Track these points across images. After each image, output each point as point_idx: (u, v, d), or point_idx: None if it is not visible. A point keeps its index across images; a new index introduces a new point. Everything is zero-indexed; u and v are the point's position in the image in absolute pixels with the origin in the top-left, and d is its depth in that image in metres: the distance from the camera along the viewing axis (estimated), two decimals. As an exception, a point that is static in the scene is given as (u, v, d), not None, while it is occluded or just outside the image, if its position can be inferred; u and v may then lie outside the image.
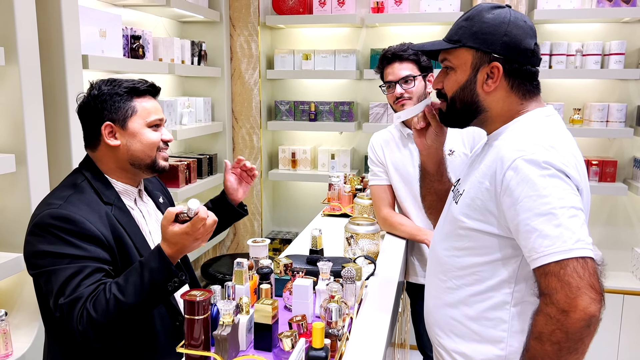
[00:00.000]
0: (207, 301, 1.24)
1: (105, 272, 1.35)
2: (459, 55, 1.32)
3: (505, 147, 1.25)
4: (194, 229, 1.31)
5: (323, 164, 3.87)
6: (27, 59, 1.85)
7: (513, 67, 1.29)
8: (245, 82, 3.78)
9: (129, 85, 1.47)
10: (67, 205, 1.37)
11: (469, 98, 1.33)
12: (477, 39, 1.29)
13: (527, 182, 1.16)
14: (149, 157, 1.50)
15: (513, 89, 1.31)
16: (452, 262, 1.35)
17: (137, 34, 2.69)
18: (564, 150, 1.21)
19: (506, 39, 1.28)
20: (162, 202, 1.68)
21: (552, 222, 1.11)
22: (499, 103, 1.32)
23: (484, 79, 1.30)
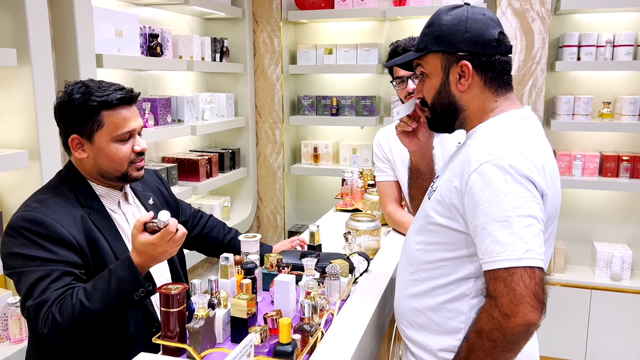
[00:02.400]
0: (182, 295, 1.28)
1: (75, 276, 1.36)
2: (429, 61, 1.35)
3: (474, 149, 1.27)
4: (162, 241, 1.32)
5: (345, 159, 3.88)
6: (39, 59, 1.95)
7: (482, 60, 1.30)
8: (268, 77, 3.82)
9: (98, 99, 1.42)
10: (41, 208, 1.39)
11: (446, 100, 1.35)
12: (441, 42, 1.31)
13: (489, 186, 1.18)
14: (117, 170, 1.49)
15: (487, 83, 1.32)
16: (420, 256, 1.38)
17: (155, 32, 2.77)
18: (533, 155, 1.22)
19: (467, 35, 1.29)
20: (151, 203, 1.68)
21: (507, 230, 1.15)
22: (475, 100, 1.33)
23: (456, 79, 1.32)
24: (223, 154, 3.53)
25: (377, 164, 2.42)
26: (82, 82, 1.47)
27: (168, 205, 1.78)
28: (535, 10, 3.25)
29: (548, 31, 3.26)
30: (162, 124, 2.90)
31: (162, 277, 1.62)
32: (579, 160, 3.37)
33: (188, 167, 3.21)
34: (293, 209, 4.12)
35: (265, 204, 3.99)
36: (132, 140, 1.51)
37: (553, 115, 3.43)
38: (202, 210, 1.98)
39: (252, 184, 3.89)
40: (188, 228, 1.87)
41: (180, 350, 1.27)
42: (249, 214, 3.86)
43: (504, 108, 1.34)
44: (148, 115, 2.78)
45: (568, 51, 3.31)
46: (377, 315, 1.59)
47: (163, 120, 2.91)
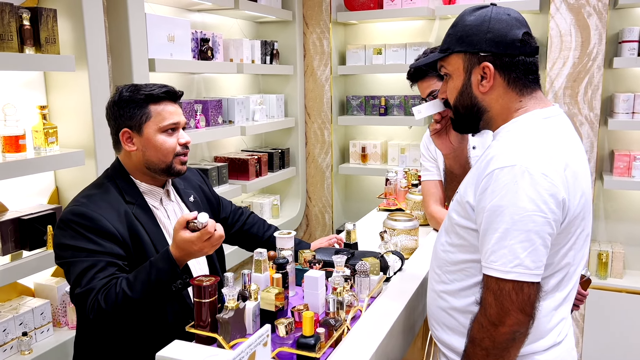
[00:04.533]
0: (214, 286, 1.35)
1: (118, 267, 1.47)
2: (452, 62, 1.36)
3: (493, 151, 1.27)
4: (200, 240, 1.39)
5: (393, 158, 3.88)
6: (95, 65, 2.09)
7: (504, 61, 1.29)
8: (317, 78, 3.88)
9: (145, 92, 1.56)
10: (89, 204, 1.51)
11: (468, 101, 1.35)
12: (463, 42, 1.32)
13: (496, 194, 1.19)
14: (163, 162, 1.59)
15: (510, 84, 1.31)
16: (446, 257, 1.39)
17: (206, 36, 2.89)
18: (552, 158, 1.20)
19: (490, 35, 1.29)
20: (192, 201, 1.76)
21: (503, 241, 1.17)
22: (498, 101, 1.33)
23: (478, 80, 1.32)
24: (272, 153, 3.62)
25: (423, 163, 2.42)
26: (132, 83, 1.60)
27: (209, 202, 1.86)
28: (592, 5, 3.14)
29: (605, 26, 3.13)
30: (213, 124, 3.01)
31: (200, 272, 1.70)
32: (638, 161, 3.22)
33: (238, 166, 3.32)
34: (341, 207, 4.17)
35: (314, 202, 4.06)
36: (177, 134, 1.62)
37: (611, 113, 3.29)
38: (243, 208, 2.05)
39: (301, 183, 3.96)
40: (228, 224, 1.96)
41: (211, 339, 1.34)
42: (298, 212, 3.94)
43: (529, 107, 1.32)
44: (200, 116, 2.90)
45: (628, 47, 3.16)
46: (406, 315, 1.60)
47: (214, 121, 3.02)
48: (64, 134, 2.15)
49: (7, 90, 2.04)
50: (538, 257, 1.17)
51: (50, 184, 2.24)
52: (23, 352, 1.92)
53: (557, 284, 1.30)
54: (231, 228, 1.96)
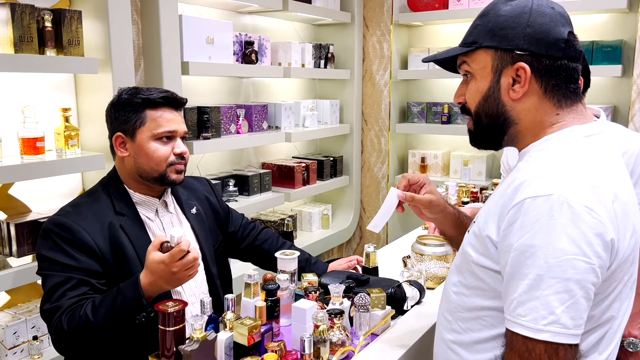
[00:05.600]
0: (180, 312, 1.22)
1: (91, 286, 1.37)
2: (477, 58, 1.10)
3: (522, 175, 1.03)
4: (172, 260, 1.26)
5: (455, 171, 3.59)
6: (120, 67, 2.05)
7: (544, 64, 1.05)
8: (376, 83, 3.68)
9: (143, 96, 1.47)
10: (72, 214, 1.43)
11: (494, 109, 1.11)
12: (495, 35, 1.07)
13: (527, 229, 0.95)
14: (155, 170, 1.49)
15: (547, 92, 1.07)
16: (459, 301, 1.14)
17: (251, 39, 2.79)
18: (600, 187, 0.96)
19: (529, 30, 1.05)
20: (194, 213, 1.65)
21: (534, 291, 0.93)
22: (531, 112, 1.08)
23: (509, 84, 1.07)
24: (323, 161, 3.47)
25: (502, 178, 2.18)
26: (133, 86, 1.52)
27: (215, 215, 1.74)
28: (691, 2, 2.69)
29: None
30: (257, 130, 2.92)
31: (197, 290, 1.59)
32: None
33: (284, 173, 3.20)
34: (398, 220, 3.93)
35: (369, 214, 3.85)
36: (173, 143, 1.51)
37: None
38: (255, 222, 1.92)
39: (355, 193, 3.78)
40: (238, 239, 1.83)
41: (176, 371, 1.21)
42: (350, 223, 3.75)
43: (566, 123, 1.08)
44: (242, 121, 2.81)
45: None
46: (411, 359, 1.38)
47: (258, 126, 2.93)
48: (91, 136, 2.13)
49: (35, 92, 2.05)
50: (578, 313, 0.92)
51: (77, 186, 2.23)
52: (33, 357, 1.91)
53: (597, 342, 1.03)
54: (240, 243, 1.83)
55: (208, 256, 1.64)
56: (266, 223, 3.13)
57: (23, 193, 2.03)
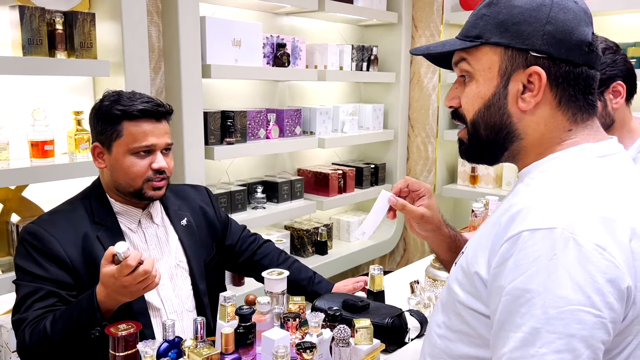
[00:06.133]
0: (133, 336, 1.12)
1: (60, 298, 1.32)
2: (481, 57, 0.91)
3: (520, 200, 0.84)
4: (120, 274, 1.17)
5: (508, 183, 3.31)
6: (133, 70, 2.01)
7: (562, 69, 0.87)
8: (424, 87, 3.47)
9: (121, 108, 1.39)
10: (47, 222, 1.38)
11: (496, 120, 0.92)
12: (507, 31, 0.88)
13: (525, 269, 0.77)
14: (131, 186, 1.41)
15: (562, 104, 0.89)
16: (442, 346, 0.95)
17: (283, 41, 2.69)
18: (616, 222, 0.77)
19: (550, 27, 0.86)
20: (184, 224, 1.56)
21: (528, 347, 0.75)
22: (540, 126, 0.90)
23: (518, 92, 0.89)
24: (362, 168, 3.30)
25: None
26: (118, 91, 1.45)
27: (210, 227, 1.64)
28: None
29: None
30: (289, 135, 2.81)
31: (181, 307, 1.49)
32: None
33: (320, 180, 3.08)
34: (445, 234, 3.68)
35: (414, 225, 3.64)
36: (152, 157, 1.42)
37: None
38: (258, 235, 1.80)
39: (399, 203, 3.57)
40: (236, 252, 1.72)
41: (126, 400, 1.11)
42: (393, 235, 3.56)
43: (578, 140, 0.90)
44: (273, 126, 2.72)
45: None
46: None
47: (290, 131, 2.82)
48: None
49: (51, 95, 2.05)
50: None
51: (94, 190, 2.22)
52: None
53: None
54: (238, 257, 1.72)
55: (196, 271, 1.54)
56: (299, 232, 3.01)
57: (37, 196, 2.03)
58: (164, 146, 1.43)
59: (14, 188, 1.96)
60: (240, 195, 2.58)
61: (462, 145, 1.00)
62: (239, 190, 2.58)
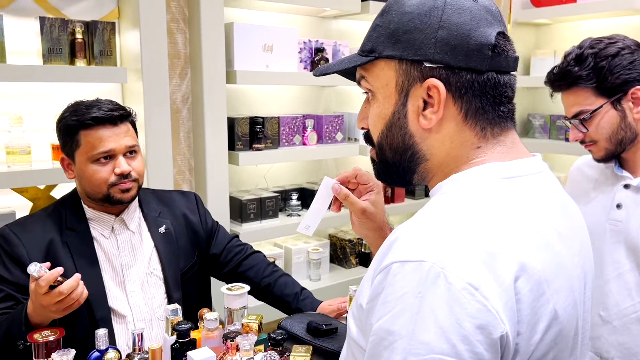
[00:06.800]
0: (55, 343, 1.12)
1: (16, 301, 1.35)
2: (378, 73, 0.82)
3: (400, 229, 0.74)
4: (37, 294, 1.18)
5: (581, 199, 2.94)
6: (150, 76, 2.05)
7: (464, 79, 0.76)
8: (488, 91, 3.20)
9: (75, 117, 1.40)
10: (19, 226, 1.43)
11: (399, 141, 0.82)
12: (398, 41, 0.78)
13: (390, 307, 0.67)
14: (98, 192, 1.43)
15: (468, 118, 0.77)
16: None
17: (322, 46, 2.62)
18: (500, 258, 0.66)
19: (443, 33, 0.76)
20: (162, 232, 1.55)
21: None
22: (445, 146, 0.79)
23: (419, 109, 0.78)
24: (415, 178, 3.12)
25: None
26: (78, 102, 1.47)
27: (193, 235, 1.62)
28: None
29: None
30: (329, 141, 2.73)
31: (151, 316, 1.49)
32: None
33: (364, 189, 2.95)
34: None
35: (475, 240, 3.37)
36: (114, 162, 1.43)
37: None
38: (247, 245, 1.74)
39: (459, 216, 3.33)
40: (220, 262, 1.68)
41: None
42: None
43: (487, 159, 0.77)
44: (310, 132, 2.66)
45: None
46: None
47: (330, 138, 2.73)
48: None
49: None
50: None
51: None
52: None
53: None
54: (223, 267, 1.68)
55: (170, 279, 1.52)
56: (341, 242, 2.92)
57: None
58: (125, 149, 1.44)
59: (43, 187, 2.09)
60: (271, 202, 2.55)
61: (374, 165, 0.90)
62: (270, 197, 2.55)
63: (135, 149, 1.47)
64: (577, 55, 1.40)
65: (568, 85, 1.42)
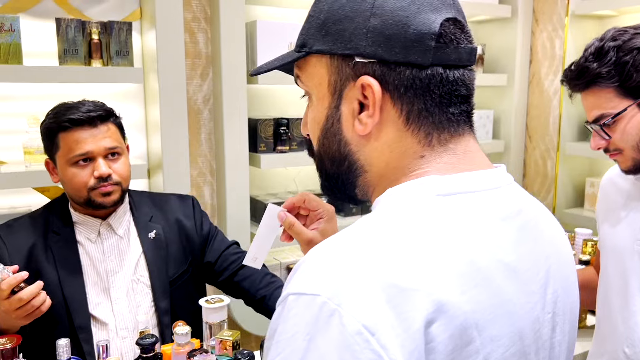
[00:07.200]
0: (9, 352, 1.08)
1: None
2: (311, 70, 0.70)
3: (307, 254, 0.63)
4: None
5: (648, 211, 2.61)
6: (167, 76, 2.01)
7: (404, 76, 0.62)
8: (544, 90, 2.94)
9: (52, 120, 1.38)
10: (5, 228, 1.43)
11: (335, 150, 0.70)
12: (328, 33, 0.66)
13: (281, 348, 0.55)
14: (79, 196, 1.40)
15: (410, 123, 0.64)
16: None
17: (354, 42, 2.49)
18: (408, 295, 0.53)
19: (375, 21, 0.63)
20: (152, 237, 1.50)
21: None
22: (384, 155, 0.66)
23: (353, 112, 0.66)
24: (459, 184, 2.91)
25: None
26: (61, 104, 1.44)
27: (187, 241, 1.56)
28: None
29: None
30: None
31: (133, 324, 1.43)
32: None
33: (402, 195, 2.79)
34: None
35: (528, 253, 3.10)
36: (94, 164, 1.38)
37: None
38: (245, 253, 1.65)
39: (510, 225, 3.08)
40: (215, 271, 1.60)
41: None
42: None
43: (429, 170, 0.64)
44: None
45: None
46: None
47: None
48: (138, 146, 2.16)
49: (107, 102, 2.16)
50: None
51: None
52: None
53: None
54: (218, 276, 1.60)
55: (158, 287, 1.46)
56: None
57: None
58: (105, 151, 1.40)
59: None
60: (297, 206, 2.45)
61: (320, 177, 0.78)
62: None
63: (117, 150, 1.43)
64: (597, 49, 1.19)
65: (586, 85, 1.22)
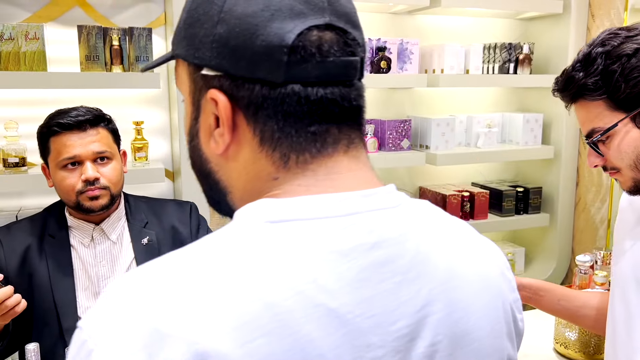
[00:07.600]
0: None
1: None
2: (179, 73, 0.64)
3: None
4: None
5: None
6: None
7: (254, 94, 0.55)
8: (600, 92, 2.68)
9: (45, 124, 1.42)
10: (4, 229, 1.48)
11: (199, 166, 0.65)
12: (184, 37, 0.60)
13: None
14: (69, 200, 1.43)
15: (264, 143, 0.57)
16: None
17: (384, 45, 2.40)
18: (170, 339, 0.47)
19: (221, 29, 0.56)
20: (145, 243, 1.50)
21: None
22: (242, 177, 0.60)
23: (210, 127, 0.60)
24: (502, 192, 2.73)
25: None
26: (58, 110, 1.48)
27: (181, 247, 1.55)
28: None
29: None
30: (392, 149, 2.49)
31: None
32: None
33: (437, 203, 2.66)
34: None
35: (581, 268, 2.85)
36: (81, 168, 1.41)
37: None
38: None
39: (561, 237, 2.85)
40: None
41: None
42: (550, 275, 2.86)
43: (280, 193, 0.57)
44: (370, 139, 2.46)
45: None
46: None
47: (394, 145, 2.50)
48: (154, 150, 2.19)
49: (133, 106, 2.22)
50: None
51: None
52: None
53: None
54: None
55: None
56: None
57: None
58: (94, 155, 1.42)
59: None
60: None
61: None
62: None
63: (106, 155, 1.44)
64: (585, 56, 1.04)
65: (572, 97, 1.07)
